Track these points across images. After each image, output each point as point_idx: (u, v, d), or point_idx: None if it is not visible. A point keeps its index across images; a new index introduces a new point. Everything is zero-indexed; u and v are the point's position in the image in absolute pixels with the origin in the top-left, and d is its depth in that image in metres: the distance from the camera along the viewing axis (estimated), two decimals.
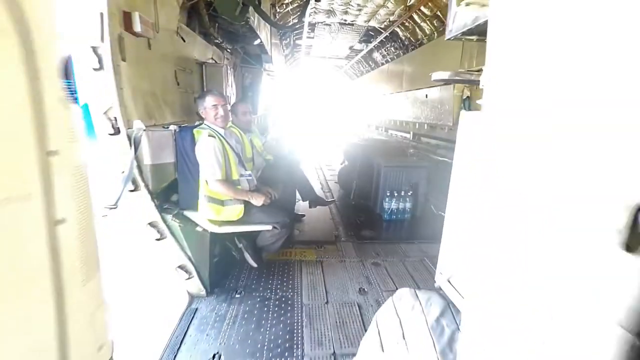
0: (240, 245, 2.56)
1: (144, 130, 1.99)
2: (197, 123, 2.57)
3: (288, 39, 9.60)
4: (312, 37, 10.22)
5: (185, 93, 3.25)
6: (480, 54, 5.67)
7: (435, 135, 7.82)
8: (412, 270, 2.88)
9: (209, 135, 2.23)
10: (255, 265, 2.59)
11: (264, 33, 4.92)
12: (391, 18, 7.98)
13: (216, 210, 2.26)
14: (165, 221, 2.12)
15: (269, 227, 2.35)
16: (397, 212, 4.04)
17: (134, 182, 2.02)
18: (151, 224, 2.09)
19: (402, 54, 9.28)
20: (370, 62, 12.22)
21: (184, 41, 3.09)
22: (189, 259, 2.20)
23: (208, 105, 2.34)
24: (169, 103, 2.77)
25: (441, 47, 7.02)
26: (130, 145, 1.91)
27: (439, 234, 3.79)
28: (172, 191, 2.30)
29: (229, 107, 2.44)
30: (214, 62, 4.04)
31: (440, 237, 1.60)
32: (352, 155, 5.01)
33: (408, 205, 4.07)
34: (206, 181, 2.24)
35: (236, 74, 5.57)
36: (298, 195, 3.69)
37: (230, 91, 4.28)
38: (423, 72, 8.07)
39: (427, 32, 7.47)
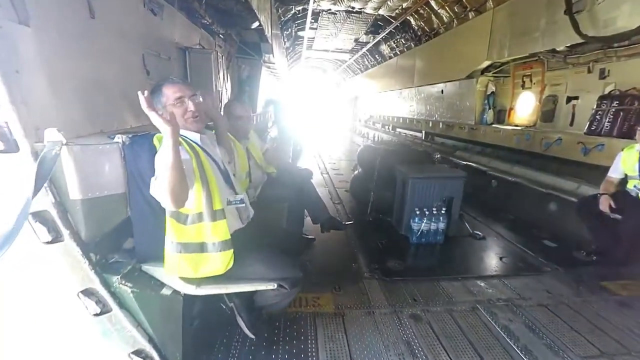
0: (231, 305, 1.76)
1: (65, 144, 1.17)
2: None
3: (289, 30, 8.73)
4: (315, 28, 9.34)
5: None
6: (515, 44, 4.85)
7: (452, 135, 7.00)
8: (466, 326, 2.09)
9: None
10: (252, 336, 1.78)
11: (264, 16, 4.07)
12: (404, 5, 7.10)
13: (193, 264, 1.44)
14: (109, 286, 1.32)
15: (273, 286, 1.54)
16: (427, 235, 3.24)
17: (54, 229, 1.20)
18: (85, 293, 1.29)
19: (413, 45, 8.42)
20: (376, 56, 11.34)
21: (155, 15, 2.25)
22: (150, 339, 1.39)
23: (169, 100, 1.49)
24: (133, 101, 1.94)
25: (462, 36, 6.16)
26: (40, 170, 1.10)
27: (483, 265, 2.93)
28: (125, 234, 1.49)
29: (201, 100, 1.59)
30: (201, 47, 3.20)
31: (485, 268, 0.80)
32: (368, 162, 4.18)
33: (441, 225, 3.27)
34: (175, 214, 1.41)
35: (231, 65, 4.73)
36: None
37: (223, 85, 3.45)
38: (438, 65, 7.21)
39: (445, 19, 6.61)
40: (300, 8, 7.50)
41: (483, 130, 5.87)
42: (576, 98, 4.37)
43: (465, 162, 5.61)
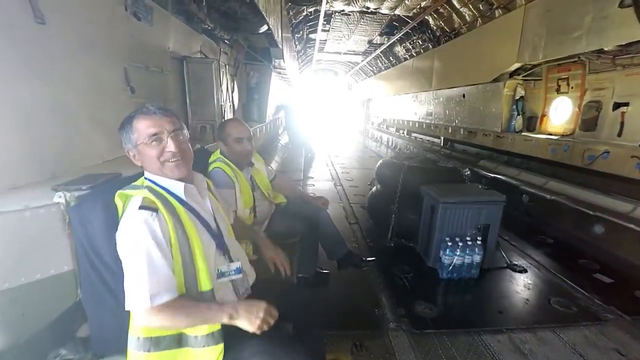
0: None
1: None
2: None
3: (301, 32, 8.31)
4: (327, 30, 8.89)
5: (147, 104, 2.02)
6: (552, 44, 4.28)
7: (475, 142, 6.43)
8: None
9: (142, 207, 0.98)
10: None
11: (273, 18, 3.65)
12: (423, 4, 6.58)
13: None
14: None
15: None
16: (460, 269, 2.76)
17: None
18: None
19: (431, 46, 7.87)
20: (390, 58, 10.81)
21: (139, 20, 1.85)
22: None
23: (141, 137, 1.08)
24: (107, 126, 1.53)
25: (488, 36, 5.60)
26: None
27: (530, 309, 2.41)
28: (78, 320, 1.08)
29: (187, 135, 1.16)
30: (202, 56, 2.80)
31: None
32: (388, 179, 3.70)
33: (477, 258, 2.79)
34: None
35: (239, 72, 4.34)
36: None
37: (227, 97, 3.04)
38: (459, 67, 6.65)
39: (468, 18, 6.06)
40: (312, 9, 7.06)
41: (511, 139, 5.31)
42: (626, 104, 3.78)
43: (491, 174, 5.08)
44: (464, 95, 6.59)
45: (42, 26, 1.22)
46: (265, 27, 3.43)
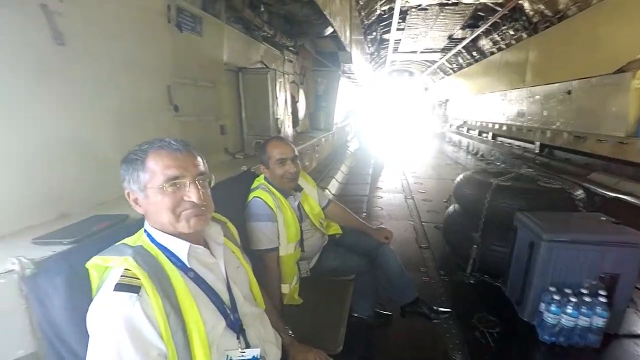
0: None
1: None
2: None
3: (374, 33, 7.78)
4: (402, 29, 8.17)
5: (198, 122, 1.83)
6: None
7: (584, 149, 5.09)
8: None
9: (118, 287, 0.67)
10: None
11: (339, 20, 3.27)
12: None
13: None
14: None
15: None
16: (571, 333, 2.00)
17: None
18: None
19: (525, 36, 6.59)
20: (473, 53, 9.52)
21: (182, 31, 1.65)
22: None
23: (155, 180, 0.79)
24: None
25: (610, 13, 4.32)
26: None
27: None
28: None
29: (213, 181, 0.86)
30: (262, 66, 2.58)
31: None
32: (470, 199, 3.00)
33: (597, 321, 1.99)
34: None
35: (305, 80, 4.09)
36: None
37: (285, 108, 2.76)
38: (564, 58, 5.33)
39: None
40: (386, 8, 6.49)
41: None
42: None
43: (609, 193, 3.89)
44: (569, 92, 5.28)
45: (61, 48, 1.05)
46: (330, 30, 3.08)
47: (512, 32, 7.05)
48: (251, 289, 1.04)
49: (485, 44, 8.53)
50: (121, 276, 0.71)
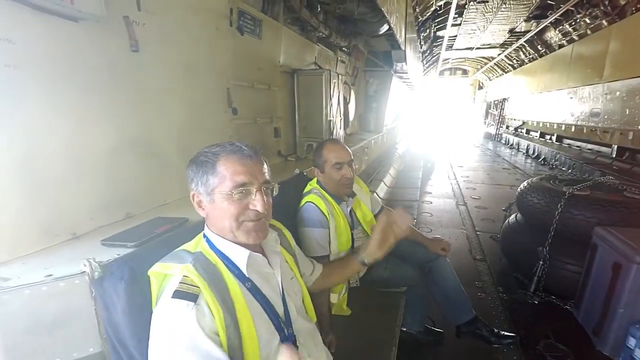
0: None
1: None
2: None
3: (427, 31, 7.34)
4: (459, 24, 7.61)
5: (253, 124, 1.82)
6: None
7: None
8: None
9: (176, 295, 0.64)
10: None
11: (395, 17, 3.08)
12: None
13: None
14: None
15: None
16: None
17: None
18: None
19: (606, 23, 5.73)
20: (538, 47, 8.58)
21: (244, 34, 1.63)
22: None
23: (222, 185, 0.74)
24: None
25: None
26: None
27: None
28: None
29: (276, 189, 0.80)
30: (316, 67, 2.51)
31: None
32: (535, 208, 2.64)
33: None
34: None
35: (357, 80, 3.96)
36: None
37: (338, 110, 2.67)
38: None
39: None
40: (442, 2, 6.07)
41: None
42: None
43: None
44: None
45: (136, 54, 1.07)
46: (386, 27, 2.91)
47: (588, 21, 6.18)
48: (304, 301, 0.97)
49: (553, 36, 7.62)
50: (180, 283, 0.67)
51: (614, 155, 5.57)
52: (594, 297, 2.03)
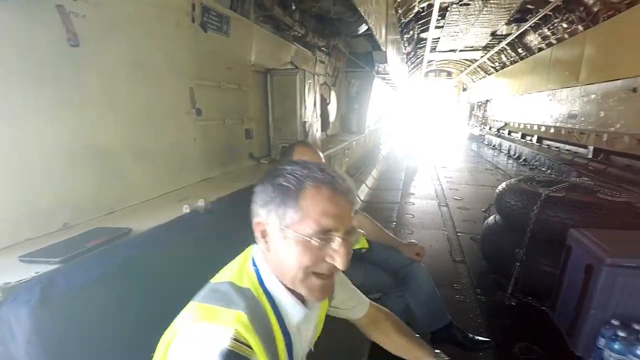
0: None
1: None
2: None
3: (411, 32, 7.39)
4: (441, 27, 7.69)
5: (222, 125, 1.75)
6: None
7: None
8: None
9: (228, 354, 0.48)
10: None
11: (374, 16, 3.05)
12: None
13: None
14: None
15: None
16: None
17: None
18: None
19: (582, 28, 5.89)
20: (519, 50, 8.77)
21: (206, 31, 1.55)
22: None
23: (305, 224, 0.58)
24: (160, 157, 1.29)
25: None
26: None
27: None
28: None
29: (354, 230, 0.65)
30: (292, 67, 2.45)
31: None
32: (514, 211, 2.66)
33: None
34: None
35: (338, 81, 3.92)
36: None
37: (314, 111, 2.60)
38: (632, 50, 4.66)
39: None
40: (424, 5, 6.11)
41: None
42: None
43: None
44: (634, 89, 4.61)
45: (75, 49, 0.98)
46: (364, 27, 2.87)
47: (565, 25, 6.34)
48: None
49: (532, 39, 7.79)
50: (232, 340, 0.51)
51: (590, 156, 5.71)
52: (568, 299, 2.03)
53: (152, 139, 1.27)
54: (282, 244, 0.59)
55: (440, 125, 16.53)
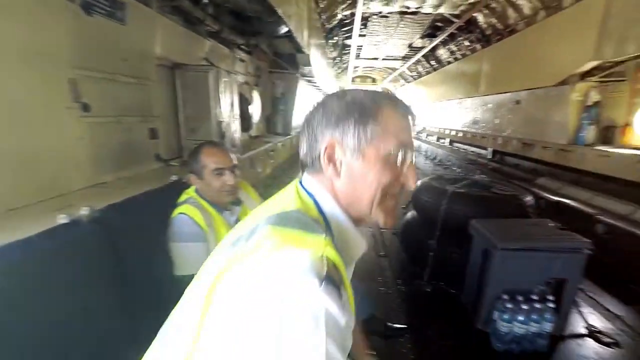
0: None
1: None
2: None
3: (335, 38, 7.74)
4: (364, 35, 8.23)
5: (117, 123, 1.56)
6: None
7: (531, 156, 5.36)
8: None
9: (327, 279, 0.42)
10: None
11: (295, 19, 3.11)
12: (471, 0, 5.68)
13: None
14: None
15: None
16: (523, 340, 1.98)
17: None
18: None
19: (479, 47, 6.89)
20: (432, 62, 9.85)
21: (89, 14, 1.38)
22: None
23: (379, 138, 0.58)
24: (32, 160, 1.09)
25: (553, 31, 4.58)
26: None
27: None
28: None
29: None
30: (206, 63, 2.33)
31: None
32: (428, 206, 2.96)
33: (546, 325, 1.99)
34: None
35: (261, 82, 3.88)
36: None
37: (232, 111, 2.52)
38: (514, 69, 5.62)
39: (527, 12, 5.07)
40: (347, 13, 6.47)
41: (580, 153, 4.26)
42: None
43: (553, 197, 4.08)
44: (518, 102, 5.57)
45: None
46: (284, 29, 2.90)
47: (467, 43, 7.34)
48: None
49: (443, 53, 8.84)
50: (325, 259, 0.46)
51: (489, 157, 6.69)
52: (471, 281, 2.33)
53: (13, 139, 1.06)
54: (359, 164, 0.56)
55: None
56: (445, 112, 9.34)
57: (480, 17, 6.18)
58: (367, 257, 3.15)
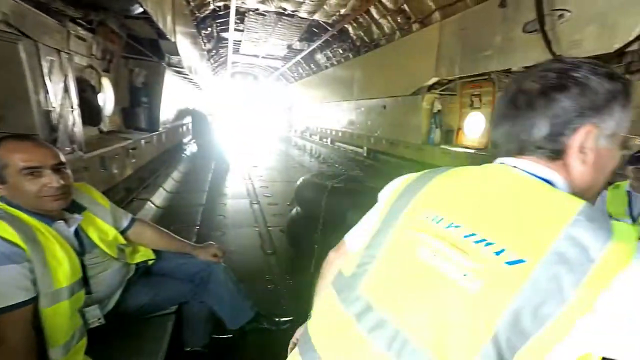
0: None
1: None
2: None
3: (210, 29, 7.33)
4: (242, 30, 8.08)
5: None
6: (466, 61, 4.28)
7: (397, 154, 6.36)
8: None
9: None
10: None
11: (152, 1, 2.76)
12: (342, 11, 6.29)
13: None
14: None
15: None
16: None
17: None
18: None
19: (352, 56, 7.70)
20: (312, 65, 10.48)
21: None
22: None
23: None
24: None
25: (407, 49, 5.53)
26: None
27: None
28: None
29: None
30: (10, 30, 1.79)
31: None
32: (310, 201, 3.11)
33: None
34: None
35: (113, 67, 3.30)
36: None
37: (66, 102, 2.01)
38: (380, 79, 6.52)
39: (387, 30, 5.95)
40: (221, 4, 6.21)
41: (431, 151, 5.30)
42: None
43: None
44: (384, 107, 6.49)
45: None
46: (139, 8, 2.54)
47: (341, 51, 8.10)
48: None
49: (320, 58, 9.51)
50: None
51: (365, 155, 7.58)
52: None
53: None
54: (608, 152, 0.54)
55: (254, 127, 17.53)
56: (326, 114, 10.08)
57: (350, 29, 6.90)
58: (255, 257, 3.11)
